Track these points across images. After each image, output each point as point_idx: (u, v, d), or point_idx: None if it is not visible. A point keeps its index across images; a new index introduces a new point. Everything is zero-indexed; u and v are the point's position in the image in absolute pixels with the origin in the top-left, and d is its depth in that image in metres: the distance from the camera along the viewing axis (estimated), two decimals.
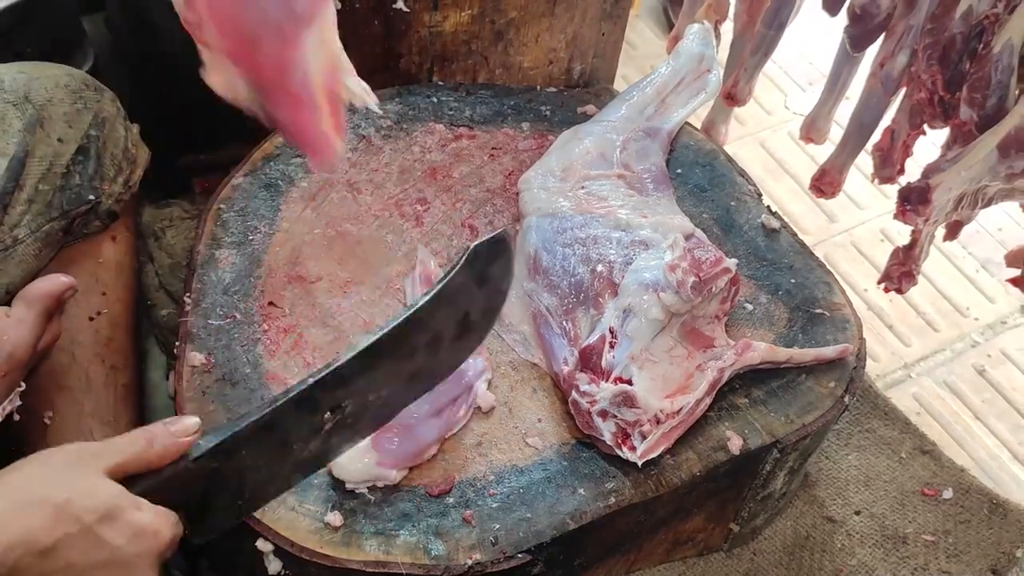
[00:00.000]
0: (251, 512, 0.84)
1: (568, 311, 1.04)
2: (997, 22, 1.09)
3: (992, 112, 1.12)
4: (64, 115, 0.98)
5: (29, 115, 0.95)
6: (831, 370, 1.07)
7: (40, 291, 0.86)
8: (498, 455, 0.98)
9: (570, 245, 1.06)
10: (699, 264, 1.00)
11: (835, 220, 1.73)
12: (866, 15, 1.21)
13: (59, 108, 0.98)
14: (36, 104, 0.96)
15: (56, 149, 0.96)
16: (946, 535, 1.23)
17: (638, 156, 1.18)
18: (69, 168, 0.98)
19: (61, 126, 0.97)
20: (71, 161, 0.98)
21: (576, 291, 1.04)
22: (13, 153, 0.93)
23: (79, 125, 0.99)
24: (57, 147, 0.96)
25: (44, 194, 0.96)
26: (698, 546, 1.15)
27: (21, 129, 0.94)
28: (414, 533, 0.91)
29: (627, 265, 1.03)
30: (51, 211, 0.97)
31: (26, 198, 0.95)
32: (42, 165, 0.96)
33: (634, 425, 0.96)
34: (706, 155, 1.25)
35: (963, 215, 1.20)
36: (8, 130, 0.94)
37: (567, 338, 1.03)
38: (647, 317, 0.99)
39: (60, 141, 0.97)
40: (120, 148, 1.02)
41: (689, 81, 1.25)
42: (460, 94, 1.27)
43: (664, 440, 0.98)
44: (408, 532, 0.91)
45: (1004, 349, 1.58)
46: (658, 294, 0.99)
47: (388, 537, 0.90)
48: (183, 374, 0.99)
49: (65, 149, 0.97)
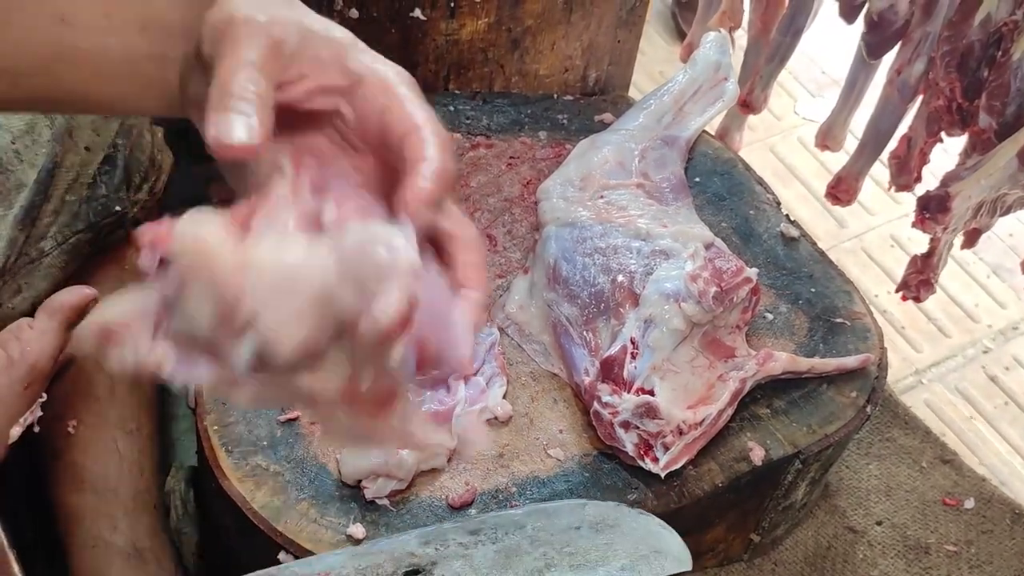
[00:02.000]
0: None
1: (588, 321, 1.03)
2: (1016, 29, 1.09)
3: (1011, 120, 1.11)
4: (91, 122, 0.97)
5: (58, 124, 0.95)
6: (853, 380, 1.06)
7: (62, 303, 0.86)
8: (519, 466, 0.97)
9: (590, 255, 1.06)
10: (720, 274, 1.00)
11: (845, 226, 1.73)
12: (884, 22, 1.21)
13: (86, 116, 0.97)
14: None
15: (83, 158, 0.96)
16: (968, 545, 1.22)
17: (656, 165, 1.17)
18: (95, 178, 0.97)
19: (88, 134, 0.97)
20: (97, 171, 0.97)
21: (597, 301, 1.03)
22: (42, 164, 0.93)
23: (106, 133, 0.98)
24: (84, 156, 0.96)
25: (71, 205, 0.96)
26: (718, 556, 1.15)
27: (50, 139, 0.94)
28: None
29: (648, 275, 1.02)
30: (77, 223, 0.97)
31: (52, 209, 0.94)
32: (69, 174, 0.95)
33: (657, 436, 0.95)
34: (724, 164, 1.25)
35: (982, 223, 1.20)
36: (38, 140, 0.93)
37: (588, 348, 1.02)
38: (668, 327, 0.98)
39: (87, 150, 0.96)
40: (146, 155, 1.01)
41: (706, 89, 1.25)
42: (477, 103, 1.27)
43: (687, 451, 0.97)
44: None
45: (1016, 355, 1.58)
46: (679, 304, 0.98)
47: None
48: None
49: (92, 158, 0.97)
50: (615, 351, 0.98)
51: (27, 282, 0.94)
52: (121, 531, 0.99)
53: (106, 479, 1.00)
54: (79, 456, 1.00)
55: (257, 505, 0.91)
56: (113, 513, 1.00)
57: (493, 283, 1.11)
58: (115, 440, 1.01)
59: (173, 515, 1.04)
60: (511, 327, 1.07)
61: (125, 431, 1.02)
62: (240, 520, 0.92)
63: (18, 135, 0.92)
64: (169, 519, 1.05)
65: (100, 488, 1.00)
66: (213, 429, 0.96)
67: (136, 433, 1.03)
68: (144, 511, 1.01)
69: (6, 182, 0.91)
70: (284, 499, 0.92)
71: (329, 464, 0.95)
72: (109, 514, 0.99)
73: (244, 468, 0.94)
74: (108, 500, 1.00)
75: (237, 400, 0.52)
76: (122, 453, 1.01)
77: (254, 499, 0.92)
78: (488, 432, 0.99)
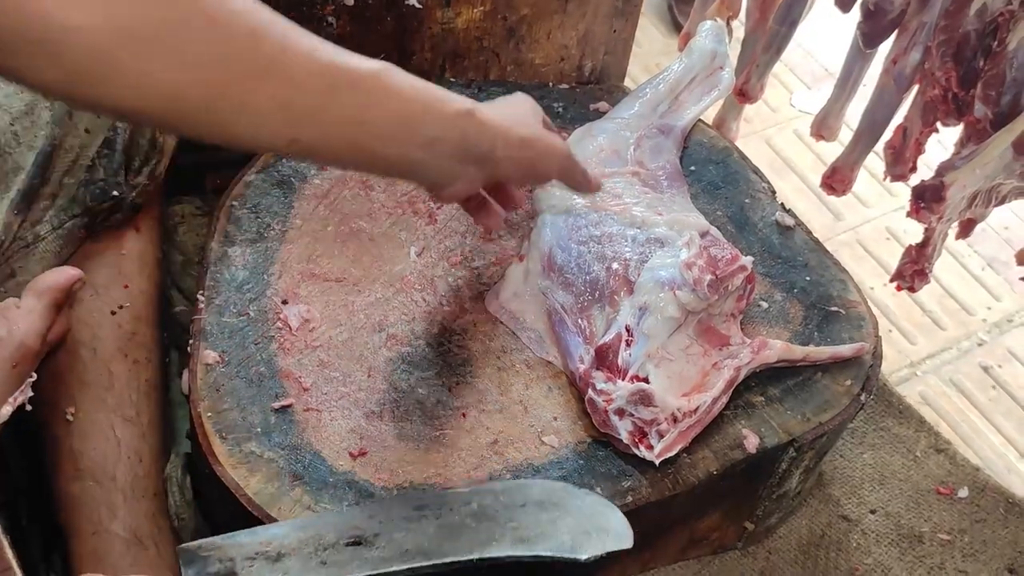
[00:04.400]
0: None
1: (583, 309, 1.03)
2: (1012, 19, 1.09)
3: (1007, 110, 1.12)
4: None
5: (58, 107, 0.94)
6: (847, 368, 1.06)
7: (48, 283, 0.87)
8: (514, 453, 0.97)
9: (585, 243, 1.06)
10: (715, 262, 1.00)
11: (841, 218, 1.73)
12: (879, 11, 1.21)
13: None
14: None
15: (83, 140, 0.95)
16: (962, 534, 1.22)
17: (652, 153, 1.17)
18: (94, 161, 0.97)
19: (88, 116, 0.96)
20: (96, 154, 0.97)
21: (591, 289, 1.03)
22: (40, 147, 0.93)
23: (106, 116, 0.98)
24: (84, 138, 0.96)
25: (68, 188, 0.95)
26: (713, 545, 1.15)
27: (50, 121, 0.94)
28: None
29: (643, 263, 1.02)
30: (74, 206, 0.96)
31: (50, 192, 0.94)
32: (68, 156, 0.95)
33: (651, 424, 0.96)
34: (719, 152, 1.25)
35: (977, 213, 1.20)
36: (37, 121, 0.93)
37: (582, 336, 1.02)
38: (663, 315, 0.98)
39: (87, 131, 0.96)
40: (146, 138, 1.01)
41: (702, 78, 1.25)
42: (472, 91, 1.26)
43: (681, 439, 0.97)
44: None
45: (1010, 348, 1.58)
46: (675, 292, 0.98)
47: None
48: (196, 371, 0.99)
49: (91, 140, 0.96)
50: (610, 338, 0.99)
51: (21, 266, 0.94)
52: (120, 518, 0.99)
53: (104, 466, 1.00)
54: (77, 443, 1.00)
55: (251, 492, 0.91)
56: (112, 500, 0.99)
57: (488, 271, 1.11)
58: (113, 427, 1.01)
59: (171, 501, 1.04)
60: (505, 315, 1.07)
61: (124, 418, 1.02)
62: (234, 506, 0.92)
63: (17, 116, 0.92)
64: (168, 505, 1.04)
65: (99, 475, 1.00)
66: (207, 416, 0.96)
67: (135, 420, 1.03)
68: (143, 497, 1.01)
69: (3, 165, 0.91)
70: (278, 486, 0.92)
71: (323, 451, 0.95)
72: (108, 501, 0.99)
73: (238, 455, 0.94)
74: (107, 487, 0.99)
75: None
76: (121, 440, 1.01)
77: (248, 486, 0.92)
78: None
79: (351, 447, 0.96)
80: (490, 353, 1.04)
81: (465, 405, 1.00)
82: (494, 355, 1.04)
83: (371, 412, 0.98)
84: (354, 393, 1.00)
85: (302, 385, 0.99)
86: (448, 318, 1.06)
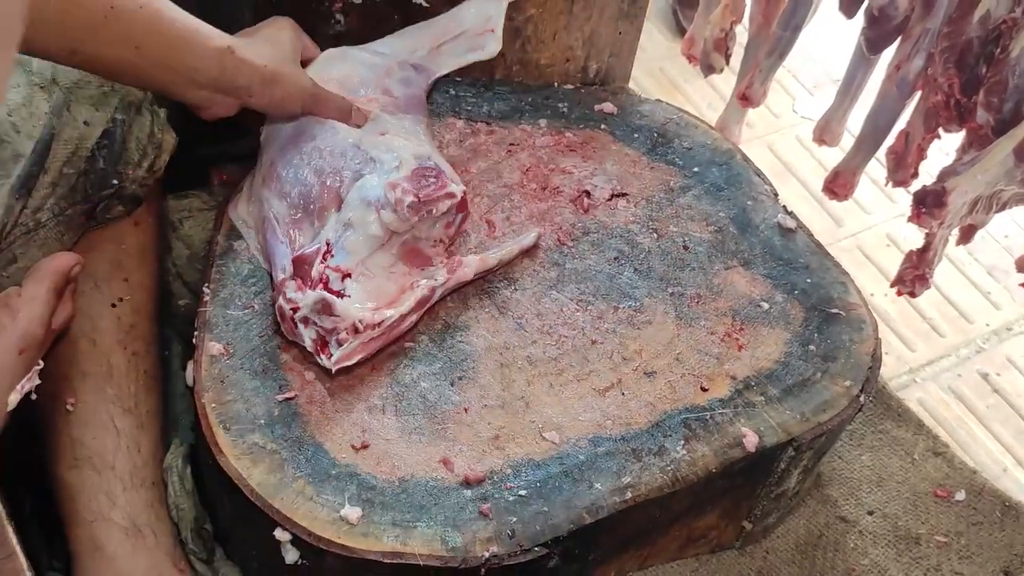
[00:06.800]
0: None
1: (296, 221, 1.05)
2: (1015, 27, 1.09)
3: (1009, 116, 1.12)
4: (91, 97, 0.98)
5: (56, 98, 0.95)
6: (847, 370, 1.07)
7: (48, 268, 0.88)
8: (515, 448, 0.98)
9: (308, 155, 1.07)
10: (422, 186, 1.02)
11: (841, 224, 1.73)
12: (884, 17, 1.21)
13: (86, 90, 0.98)
14: (63, 87, 0.96)
15: (82, 132, 0.96)
16: (959, 536, 1.23)
17: (400, 84, 1.19)
18: (94, 152, 0.97)
19: (88, 109, 0.97)
20: (96, 145, 0.98)
21: (305, 201, 1.05)
22: (39, 136, 0.93)
23: (106, 108, 0.98)
24: (83, 130, 0.96)
25: (68, 177, 0.96)
26: (711, 543, 1.15)
27: (48, 112, 0.94)
28: (431, 525, 0.91)
29: (355, 181, 1.04)
30: (75, 195, 0.97)
31: (50, 181, 0.95)
32: (67, 148, 0.95)
33: (331, 332, 0.97)
34: (723, 154, 1.26)
35: (978, 219, 1.21)
36: (35, 112, 0.94)
37: (291, 247, 1.04)
38: (366, 233, 1.01)
39: (86, 124, 0.97)
40: (145, 132, 1.02)
41: (470, 36, 1.25)
42: (478, 90, 1.27)
43: (362, 349, 0.99)
44: (426, 524, 0.91)
45: (1010, 355, 1.58)
46: (379, 211, 1.00)
47: (406, 528, 0.90)
48: (201, 363, 0.99)
49: (91, 132, 0.97)
50: (309, 251, 1.01)
51: (22, 251, 0.95)
52: (119, 507, 1.00)
53: (104, 455, 1.01)
54: (77, 432, 1.01)
55: (254, 483, 0.92)
56: (111, 488, 1.00)
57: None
58: (112, 417, 1.02)
59: (170, 491, 1.05)
60: (240, 223, 1.10)
61: (123, 408, 1.03)
62: (237, 497, 0.92)
63: (14, 108, 0.93)
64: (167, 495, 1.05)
65: (98, 464, 1.00)
66: (211, 407, 0.97)
67: (134, 410, 1.03)
68: (142, 486, 1.02)
69: (3, 152, 0.92)
70: (281, 477, 0.93)
71: (326, 443, 0.95)
72: (107, 489, 1.00)
73: (241, 446, 0.94)
74: (106, 476, 1.00)
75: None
76: (120, 429, 1.02)
77: (251, 476, 0.92)
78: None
79: (354, 440, 0.96)
80: (493, 349, 1.05)
81: (467, 400, 1.01)
82: (497, 351, 1.05)
83: (374, 406, 0.99)
84: (357, 387, 1.00)
85: (305, 378, 1.00)
86: (451, 313, 1.07)
